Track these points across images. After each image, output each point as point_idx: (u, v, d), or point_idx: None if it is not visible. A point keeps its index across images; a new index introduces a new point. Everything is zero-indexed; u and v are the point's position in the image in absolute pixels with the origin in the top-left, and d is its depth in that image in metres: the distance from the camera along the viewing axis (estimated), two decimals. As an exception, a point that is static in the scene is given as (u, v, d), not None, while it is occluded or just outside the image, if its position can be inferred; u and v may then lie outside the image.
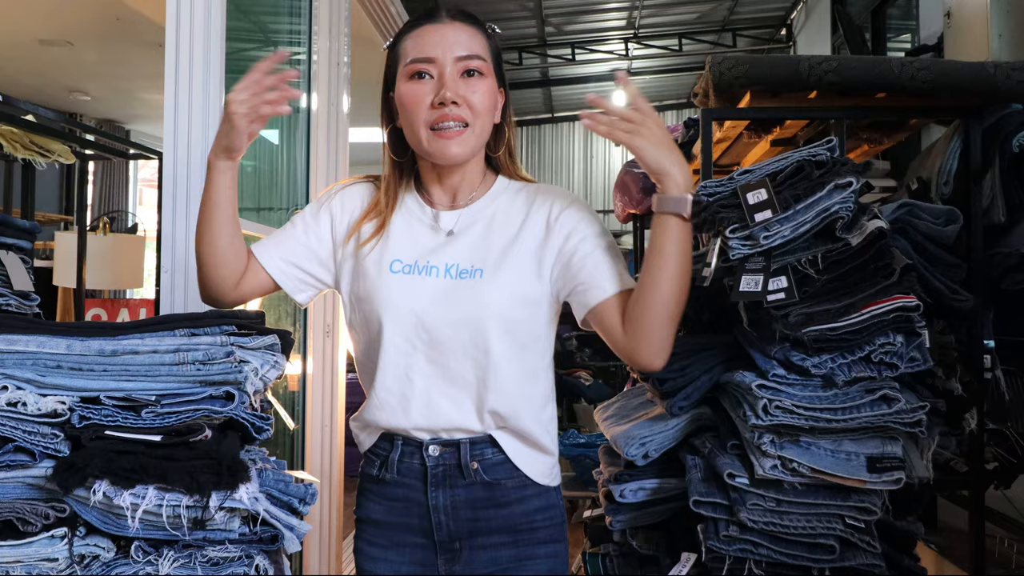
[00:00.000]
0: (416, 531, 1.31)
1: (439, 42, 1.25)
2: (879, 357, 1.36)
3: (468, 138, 1.26)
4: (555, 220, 1.31)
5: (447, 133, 1.24)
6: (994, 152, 1.97)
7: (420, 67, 1.25)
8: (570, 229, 1.31)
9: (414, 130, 1.27)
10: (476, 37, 1.28)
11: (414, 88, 1.25)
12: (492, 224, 1.32)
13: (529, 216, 1.32)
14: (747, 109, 2.12)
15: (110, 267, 4.36)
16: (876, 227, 1.40)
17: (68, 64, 5.89)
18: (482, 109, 1.27)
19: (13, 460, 1.02)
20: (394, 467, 1.31)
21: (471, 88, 1.25)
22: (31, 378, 1.04)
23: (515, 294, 1.28)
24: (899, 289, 1.38)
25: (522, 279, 1.29)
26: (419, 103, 1.25)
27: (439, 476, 1.29)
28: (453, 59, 1.25)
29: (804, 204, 1.41)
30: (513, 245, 1.30)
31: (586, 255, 1.29)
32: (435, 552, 1.30)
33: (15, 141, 2.92)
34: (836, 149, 1.49)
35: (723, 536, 1.39)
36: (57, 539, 1.01)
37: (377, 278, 1.29)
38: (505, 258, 1.29)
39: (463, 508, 1.29)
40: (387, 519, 1.33)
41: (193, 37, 1.83)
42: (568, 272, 1.30)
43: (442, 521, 1.29)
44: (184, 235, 1.84)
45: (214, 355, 1.06)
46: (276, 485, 1.10)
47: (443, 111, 1.23)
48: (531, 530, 1.31)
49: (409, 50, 1.27)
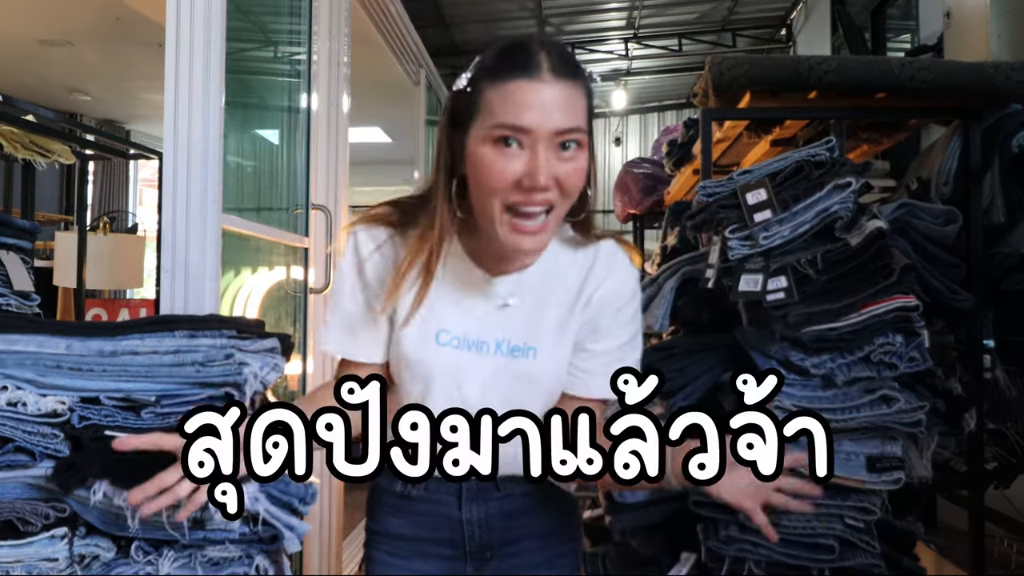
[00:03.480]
0: (444, 543, 1.24)
1: (538, 109, 1.02)
2: (878, 357, 1.37)
3: (548, 231, 1.07)
4: (598, 294, 1.18)
5: (526, 227, 1.05)
6: (994, 152, 1.97)
7: (508, 134, 1.03)
8: (602, 307, 1.18)
9: (486, 205, 1.07)
10: (578, 99, 1.06)
11: (499, 158, 1.03)
12: (548, 293, 1.18)
13: (585, 285, 1.18)
14: (747, 109, 2.12)
15: (110, 267, 4.36)
16: (875, 227, 1.40)
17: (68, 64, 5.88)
18: (573, 190, 1.07)
19: (13, 460, 1.02)
20: (422, 485, 1.22)
21: (565, 165, 1.04)
22: (31, 378, 1.04)
23: (561, 366, 1.19)
24: (898, 289, 1.39)
25: (568, 348, 1.19)
26: (503, 179, 1.03)
27: (473, 491, 1.22)
28: (551, 132, 1.02)
29: (803, 204, 1.42)
30: (568, 318, 1.18)
31: (598, 341, 1.19)
32: (464, 561, 1.25)
33: (15, 141, 2.92)
34: (836, 149, 1.49)
35: (722, 536, 1.39)
36: (57, 539, 1.01)
37: (422, 347, 1.17)
38: (559, 334, 1.17)
39: (496, 519, 1.23)
40: (411, 533, 1.25)
41: (193, 37, 1.83)
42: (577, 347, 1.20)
43: (475, 534, 1.24)
44: (184, 235, 1.83)
45: (214, 357, 1.06)
46: (276, 485, 1.10)
47: (530, 196, 1.04)
48: (558, 530, 1.29)
49: (496, 108, 1.03)
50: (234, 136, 2.58)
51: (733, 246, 1.44)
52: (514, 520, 1.24)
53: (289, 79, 2.98)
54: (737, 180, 1.48)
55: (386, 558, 1.26)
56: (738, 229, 1.44)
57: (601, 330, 1.18)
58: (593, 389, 1.18)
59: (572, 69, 1.06)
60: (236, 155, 2.66)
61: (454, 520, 1.22)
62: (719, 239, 1.48)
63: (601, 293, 1.18)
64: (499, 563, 1.26)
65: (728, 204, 1.49)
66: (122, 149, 4.49)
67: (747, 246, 1.43)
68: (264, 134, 2.97)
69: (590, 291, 1.18)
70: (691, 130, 3.04)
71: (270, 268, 2.84)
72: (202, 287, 1.82)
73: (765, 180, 1.45)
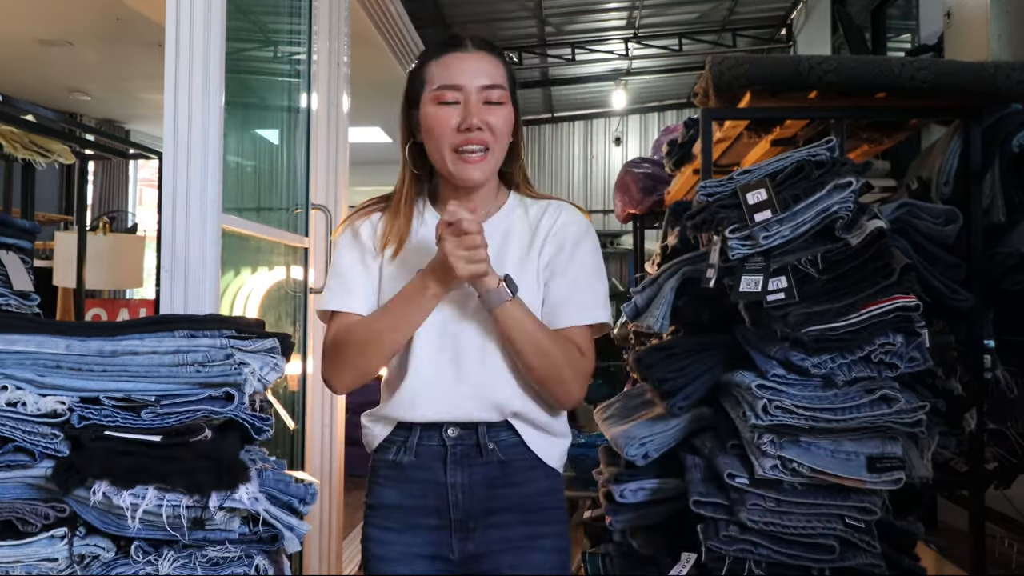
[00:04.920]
0: (431, 512, 1.37)
1: (465, 71, 1.36)
2: (879, 357, 1.37)
3: (488, 161, 1.37)
4: (552, 235, 1.41)
5: (470, 158, 1.35)
6: (994, 152, 1.97)
7: (447, 94, 1.35)
8: (558, 246, 1.41)
9: (439, 151, 1.37)
10: (497, 67, 1.39)
11: (440, 112, 1.35)
12: (507, 239, 1.41)
13: (537, 230, 1.42)
14: (747, 109, 2.12)
15: (110, 267, 4.36)
16: (876, 227, 1.40)
17: (68, 64, 5.88)
18: (502, 133, 1.38)
19: (13, 460, 1.02)
20: (412, 450, 1.37)
21: (493, 114, 1.36)
22: (31, 378, 1.04)
23: (529, 301, 1.35)
24: (899, 289, 1.39)
25: (531, 290, 1.37)
26: (445, 127, 1.35)
27: (458, 455, 1.36)
28: (478, 87, 1.35)
29: (804, 204, 1.41)
30: (526, 258, 1.40)
31: (561, 278, 1.39)
32: (449, 532, 1.36)
33: (15, 141, 2.92)
34: (836, 149, 1.49)
35: (723, 536, 1.39)
36: (57, 539, 1.01)
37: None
38: (521, 270, 1.37)
39: (479, 487, 1.36)
40: (401, 502, 1.38)
41: (193, 37, 1.83)
42: (546, 288, 1.40)
43: (459, 500, 1.36)
44: (184, 235, 1.83)
45: (214, 357, 1.06)
46: (276, 485, 1.10)
47: (468, 135, 1.34)
48: (540, 510, 1.39)
49: (436, 76, 1.37)
50: (234, 136, 2.58)
51: (733, 246, 1.44)
52: (496, 490, 1.36)
53: (289, 79, 2.99)
54: (737, 180, 1.48)
55: (379, 533, 1.40)
56: (738, 229, 1.44)
57: (559, 267, 1.39)
58: (567, 318, 1.37)
59: (493, 48, 1.41)
60: (236, 155, 2.66)
61: (441, 486, 1.36)
62: (719, 239, 1.48)
63: (553, 232, 1.41)
64: (482, 534, 1.36)
65: (728, 204, 1.48)
66: (122, 149, 4.49)
67: (747, 246, 1.43)
68: (264, 134, 2.97)
69: (544, 232, 1.41)
70: (691, 130, 3.03)
71: (270, 268, 2.84)
72: (202, 287, 1.83)
73: (765, 180, 1.45)
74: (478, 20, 7.73)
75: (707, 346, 1.56)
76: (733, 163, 2.84)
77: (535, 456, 1.38)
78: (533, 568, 1.36)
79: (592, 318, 1.38)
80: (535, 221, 1.43)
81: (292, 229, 2.78)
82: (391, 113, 1.52)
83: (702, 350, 1.55)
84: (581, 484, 3.57)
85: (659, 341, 1.85)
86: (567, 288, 1.38)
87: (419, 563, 1.37)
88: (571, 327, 1.37)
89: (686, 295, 1.76)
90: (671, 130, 3.61)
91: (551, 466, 1.40)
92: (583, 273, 1.39)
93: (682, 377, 1.52)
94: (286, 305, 2.88)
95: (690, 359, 1.53)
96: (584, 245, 1.41)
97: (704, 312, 1.74)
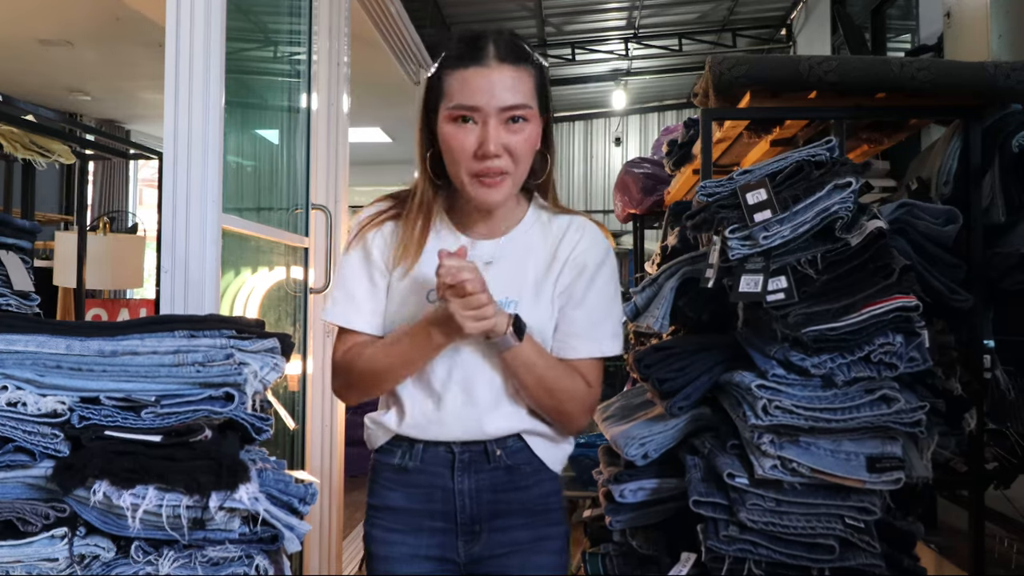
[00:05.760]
0: (437, 516, 1.35)
1: (485, 90, 1.24)
2: (879, 357, 1.37)
3: (507, 184, 1.29)
4: (572, 259, 1.36)
5: (488, 181, 1.27)
6: (994, 152, 1.97)
7: (464, 113, 1.25)
8: (577, 272, 1.35)
9: (455, 172, 1.30)
10: (523, 79, 1.27)
11: (458, 133, 1.26)
12: (527, 256, 1.36)
13: (558, 252, 1.36)
14: (747, 109, 2.12)
15: (110, 267, 4.37)
16: (875, 227, 1.40)
17: (68, 64, 5.88)
18: (522, 155, 1.28)
19: (13, 460, 1.02)
20: (418, 456, 1.35)
21: (513, 135, 1.26)
22: (31, 378, 1.04)
23: (543, 324, 1.34)
24: (898, 289, 1.38)
25: (544, 314, 1.34)
26: (462, 150, 1.26)
27: (465, 462, 1.34)
28: (497, 109, 1.24)
29: (803, 204, 1.41)
30: (543, 281, 1.35)
31: (577, 309, 1.35)
32: (455, 535, 1.35)
33: (15, 141, 2.93)
34: (836, 149, 1.49)
35: (723, 536, 1.39)
36: (57, 539, 1.01)
37: (417, 307, 1.33)
38: (538, 290, 1.34)
39: (486, 491, 1.34)
40: (406, 505, 1.36)
41: (193, 37, 1.83)
42: (560, 313, 1.36)
43: (466, 504, 1.34)
44: (184, 235, 1.83)
45: (214, 357, 1.06)
46: (276, 485, 1.10)
47: (485, 164, 1.25)
48: (545, 512, 1.38)
49: (454, 92, 1.26)
50: (234, 136, 2.58)
51: (733, 246, 1.44)
52: (502, 494, 1.35)
53: (289, 79, 2.98)
54: (737, 180, 1.48)
55: (382, 534, 1.38)
56: (738, 229, 1.44)
57: (576, 295, 1.35)
58: (580, 350, 1.35)
59: (519, 56, 1.27)
60: (236, 155, 2.66)
61: (447, 491, 1.34)
62: (719, 239, 1.48)
63: (573, 257, 1.35)
64: (488, 537, 1.35)
65: (728, 204, 1.48)
66: (122, 149, 4.49)
67: (747, 246, 1.43)
68: (264, 134, 2.97)
69: (564, 255, 1.36)
70: (691, 130, 3.04)
71: (270, 268, 2.84)
72: (202, 287, 1.83)
73: (765, 180, 1.45)
74: (478, 20, 7.73)
75: (707, 346, 1.56)
76: (733, 163, 2.84)
77: (540, 461, 1.37)
78: (539, 569, 1.36)
79: (603, 351, 1.36)
80: (556, 241, 1.37)
81: (292, 229, 2.78)
82: (391, 113, 1.52)
83: (702, 350, 1.55)
84: (581, 484, 3.57)
85: (659, 341, 1.85)
86: (582, 320, 1.35)
87: (425, 564, 1.36)
88: (582, 359, 1.35)
89: (686, 295, 1.76)
90: (671, 130, 3.61)
91: (554, 470, 1.39)
92: (600, 303, 1.36)
93: (682, 377, 1.51)
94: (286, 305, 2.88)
95: (690, 359, 1.53)
96: (603, 272, 1.36)
97: (704, 312, 1.74)
